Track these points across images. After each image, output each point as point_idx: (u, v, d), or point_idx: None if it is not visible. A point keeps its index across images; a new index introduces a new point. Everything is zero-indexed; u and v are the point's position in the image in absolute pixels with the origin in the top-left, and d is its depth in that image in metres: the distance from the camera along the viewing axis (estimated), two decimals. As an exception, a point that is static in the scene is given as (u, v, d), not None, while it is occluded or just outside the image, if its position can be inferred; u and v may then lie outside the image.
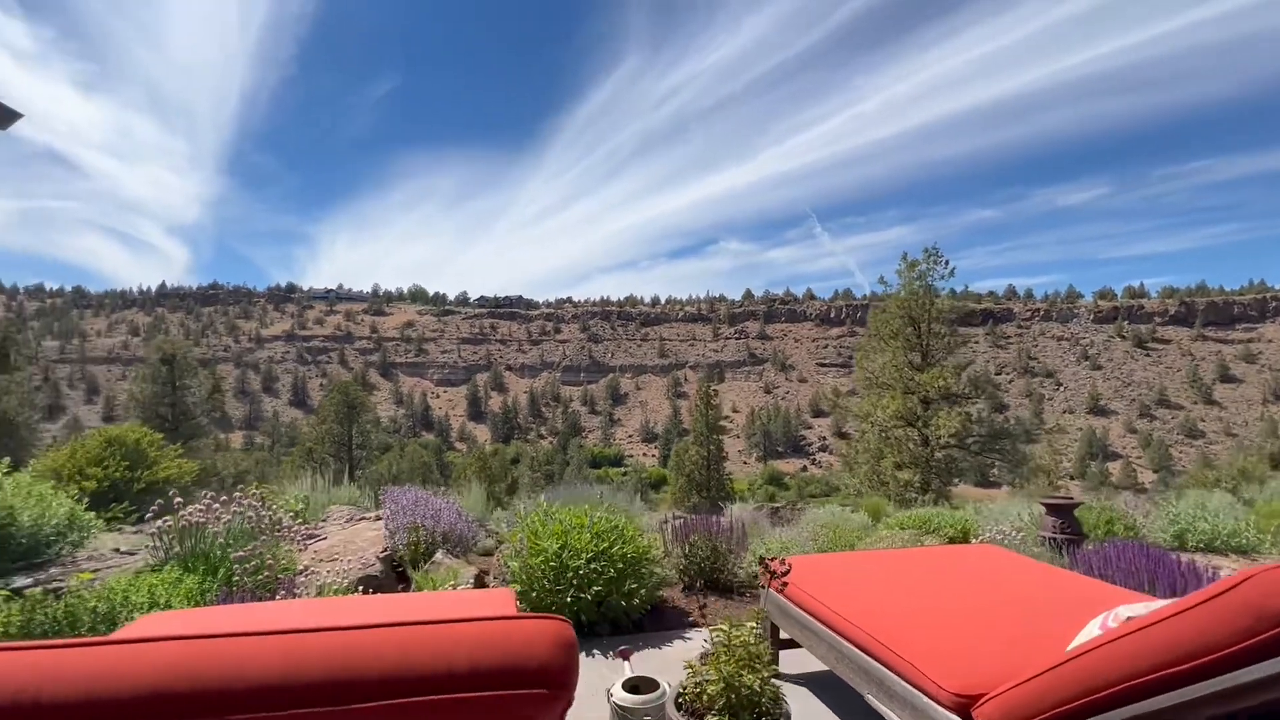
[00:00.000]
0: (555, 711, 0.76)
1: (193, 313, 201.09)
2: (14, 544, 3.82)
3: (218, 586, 3.33)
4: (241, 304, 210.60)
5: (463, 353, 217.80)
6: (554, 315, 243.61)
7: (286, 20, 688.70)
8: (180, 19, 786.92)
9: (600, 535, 3.66)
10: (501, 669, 0.73)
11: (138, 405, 22.10)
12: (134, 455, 10.96)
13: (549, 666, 0.75)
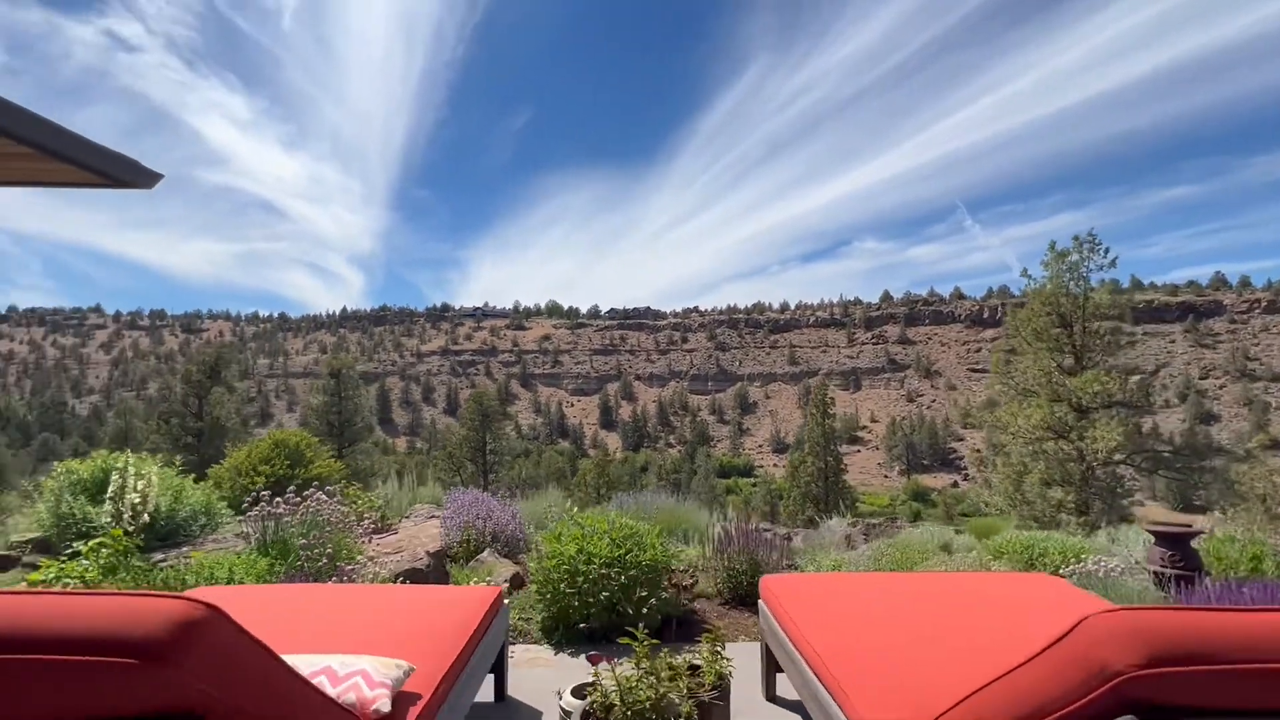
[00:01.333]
0: (159, 682, 0.83)
1: (367, 332, 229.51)
2: (157, 526, 4.68)
3: (286, 569, 3.83)
4: (405, 323, 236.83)
5: (594, 363, 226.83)
6: (681, 325, 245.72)
7: (439, 68, 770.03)
8: (357, 77, 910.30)
9: (617, 542, 3.69)
10: (104, 638, 0.82)
11: (313, 413, 25.78)
12: (294, 455, 12.78)
13: (148, 640, 0.83)
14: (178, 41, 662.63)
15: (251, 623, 2.28)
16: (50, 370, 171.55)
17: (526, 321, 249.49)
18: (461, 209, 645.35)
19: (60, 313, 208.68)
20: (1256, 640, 1.00)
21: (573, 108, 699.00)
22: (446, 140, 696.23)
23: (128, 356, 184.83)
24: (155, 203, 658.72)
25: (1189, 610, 1.04)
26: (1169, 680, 0.94)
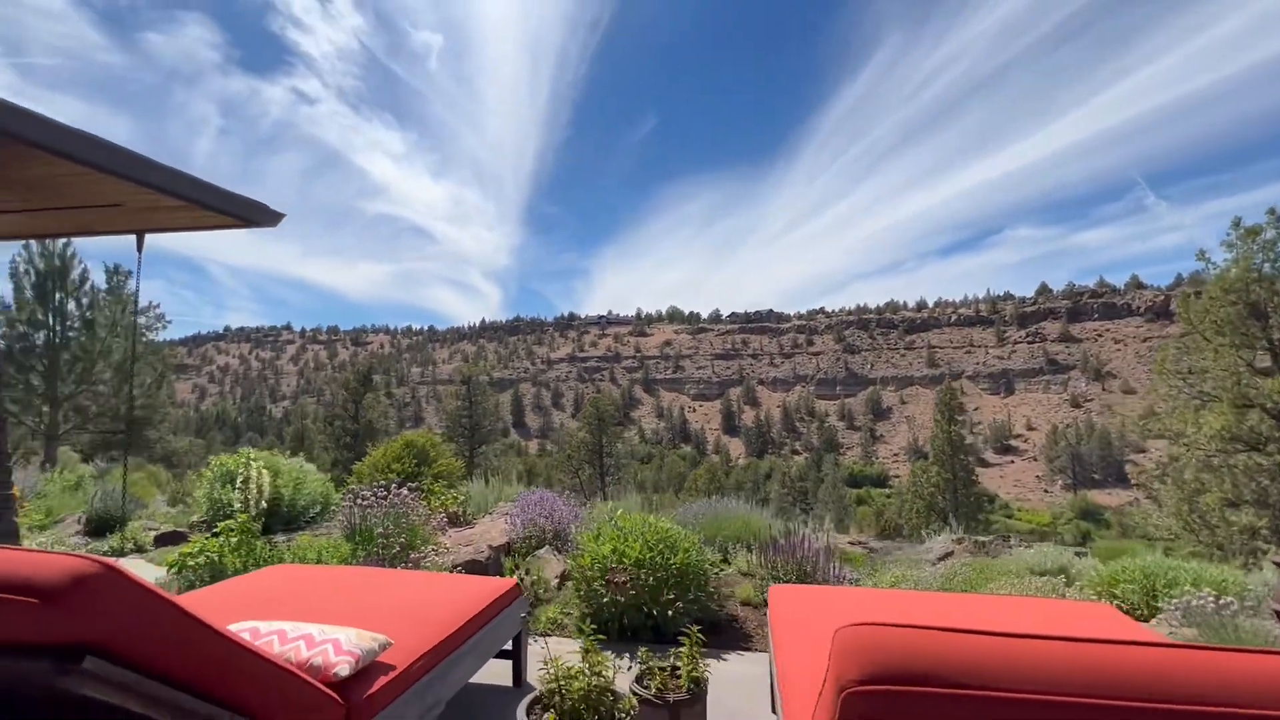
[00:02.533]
0: (55, 618, 1.05)
1: (502, 341, 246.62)
2: (281, 512, 5.48)
3: (365, 554, 4.34)
4: (536, 332, 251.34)
5: (716, 368, 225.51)
6: (806, 327, 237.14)
7: (564, 89, 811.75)
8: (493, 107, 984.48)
9: (649, 544, 3.76)
10: (24, 582, 1.07)
11: (447, 416, 28.31)
12: (421, 455, 14.21)
13: (44, 585, 1.07)
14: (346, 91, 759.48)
15: (279, 595, 2.64)
16: (254, 379, 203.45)
17: (648, 328, 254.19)
18: (586, 221, 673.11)
19: (261, 330, 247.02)
20: (1016, 669, 0.86)
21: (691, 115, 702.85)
22: (571, 157, 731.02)
23: (310, 367, 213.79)
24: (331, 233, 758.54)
25: (941, 631, 0.91)
26: (891, 699, 0.85)
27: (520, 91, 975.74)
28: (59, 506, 6.95)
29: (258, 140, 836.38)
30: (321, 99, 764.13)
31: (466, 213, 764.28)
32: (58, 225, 5.43)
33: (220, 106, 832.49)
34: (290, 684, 1.59)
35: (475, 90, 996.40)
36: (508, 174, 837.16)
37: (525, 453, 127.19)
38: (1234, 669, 0.93)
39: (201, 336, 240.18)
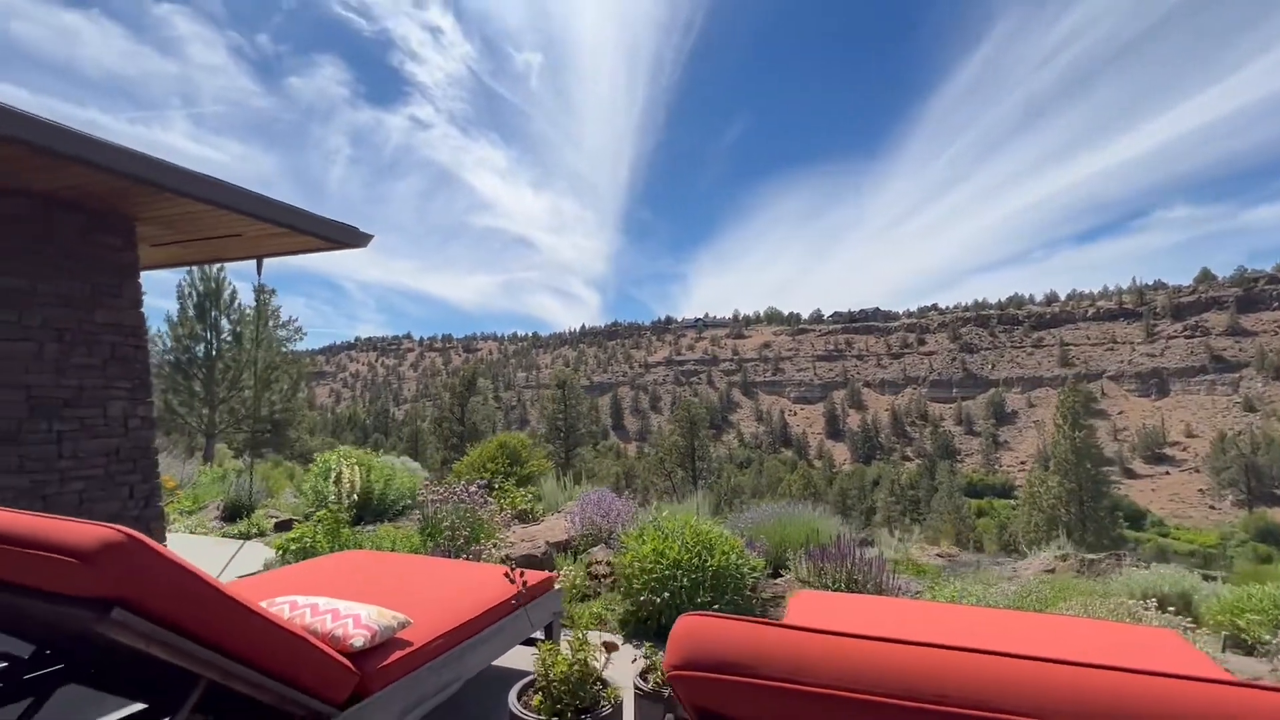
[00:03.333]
0: (89, 574, 1.31)
1: (601, 346, 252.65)
2: (373, 505, 6.06)
3: (434, 544, 4.71)
4: (633, 337, 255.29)
5: (818, 370, 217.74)
6: (917, 325, 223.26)
7: (658, 95, 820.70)
8: (590, 119, 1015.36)
9: (688, 546, 3.80)
10: (64, 545, 1.33)
11: (545, 419, 29.57)
12: (512, 455, 14.98)
13: (81, 548, 1.32)
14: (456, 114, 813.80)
15: (336, 575, 2.95)
16: (380, 385, 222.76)
17: (746, 329, 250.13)
18: (681, 225, 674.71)
19: (385, 340, 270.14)
20: (830, 666, 0.83)
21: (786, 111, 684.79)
22: (666, 162, 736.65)
23: (427, 373, 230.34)
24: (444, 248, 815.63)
25: (763, 625, 0.89)
26: (700, 683, 0.86)
27: (616, 101, 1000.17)
28: (205, 495, 8.10)
29: (381, 166, 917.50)
30: (435, 124, 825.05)
31: (566, 222, 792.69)
32: (196, 254, 6.35)
33: (350, 137, 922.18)
34: (305, 649, 1.82)
35: (573, 104, 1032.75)
36: (604, 183, 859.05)
37: (624, 455, 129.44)
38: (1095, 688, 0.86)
39: (336, 346, 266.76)
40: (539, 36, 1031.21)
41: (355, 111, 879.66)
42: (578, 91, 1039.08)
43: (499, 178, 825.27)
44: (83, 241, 4.87)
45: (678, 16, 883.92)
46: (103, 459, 4.89)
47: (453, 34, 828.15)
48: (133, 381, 5.15)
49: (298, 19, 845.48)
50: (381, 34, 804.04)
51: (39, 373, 4.54)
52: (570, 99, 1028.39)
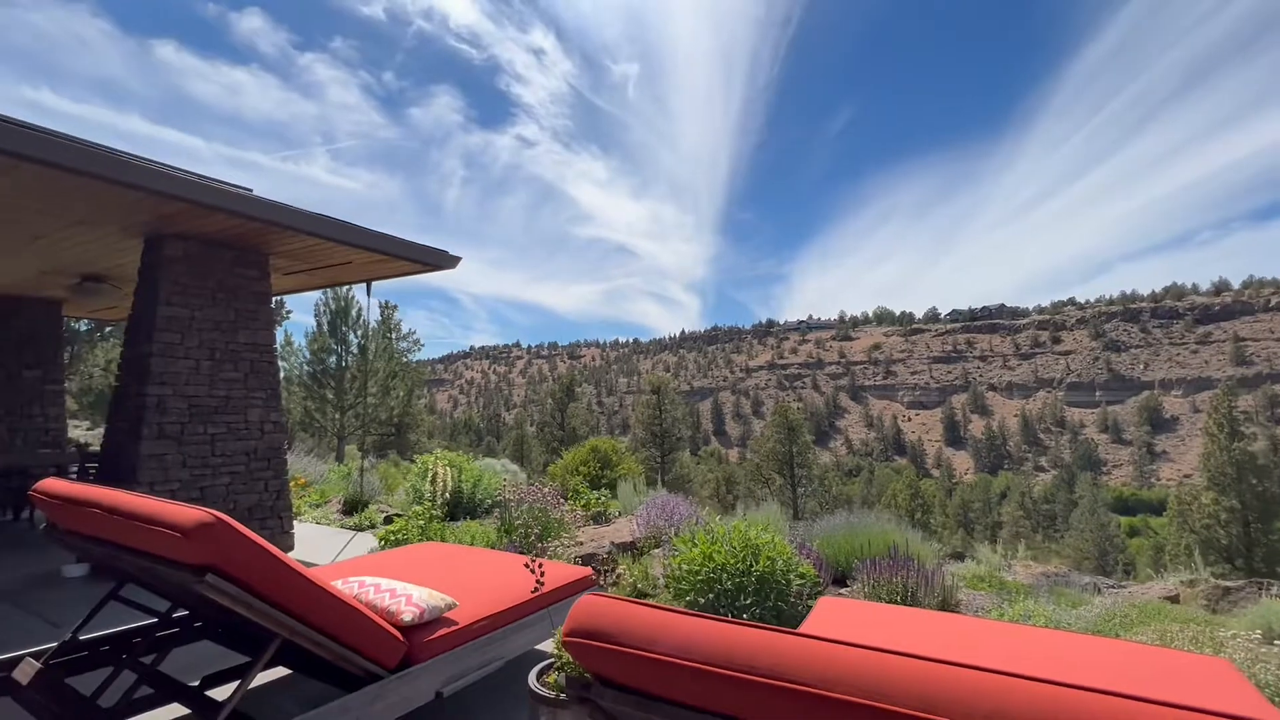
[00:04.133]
0: (188, 546, 1.71)
1: (701, 351, 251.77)
2: (464, 503, 6.65)
3: (507, 540, 5.13)
4: (734, 341, 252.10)
5: (934, 373, 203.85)
6: (1050, 322, 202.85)
7: (756, 94, 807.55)
8: (687, 124, 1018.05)
9: (734, 551, 3.90)
10: (173, 522, 1.75)
11: (640, 424, 30.16)
12: (604, 459, 15.51)
13: (183, 526, 1.72)
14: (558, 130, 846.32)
15: (408, 561, 3.38)
16: (492, 391, 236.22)
17: (853, 331, 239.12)
18: (783, 225, 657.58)
19: (496, 348, 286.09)
20: (670, 638, 0.95)
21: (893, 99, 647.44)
22: (765, 161, 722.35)
23: (535, 379, 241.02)
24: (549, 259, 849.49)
25: (632, 605, 1.02)
26: (578, 648, 1.02)
27: (713, 104, 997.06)
28: (330, 491, 9.20)
29: (491, 184, 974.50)
30: (539, 141, 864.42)
31: (664, 228, 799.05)
32: (319, 280, 7.31)
33: (463, 160, 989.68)
34: (356, 617, 2.19)
35: (669, 110, 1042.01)
36: (702, 186, 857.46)
37: (726, 461, 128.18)
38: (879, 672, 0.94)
39: (453, 355, 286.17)
40: (635, 46, 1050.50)
41: (468, 135, 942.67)
42: (674, 97, 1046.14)
43: (599, 188, 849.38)
44: (229, 274, 5.83)
45: (775, 11, 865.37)
46: (244, 457, 5.80)
47: (554, 53, 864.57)
48: (267, 392, 6.06)
49: (417, 55, 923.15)
50: (489, 60, 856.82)
51: (196, 385, 5.49)
52: (667, 105, 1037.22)
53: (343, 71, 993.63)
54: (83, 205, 4.65)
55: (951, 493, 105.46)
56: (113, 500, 2.06)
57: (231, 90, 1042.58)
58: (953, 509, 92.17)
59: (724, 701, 0.93)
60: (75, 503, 2.22)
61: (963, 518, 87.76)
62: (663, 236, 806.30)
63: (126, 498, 2.04)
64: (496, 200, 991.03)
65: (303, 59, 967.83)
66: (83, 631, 2.47)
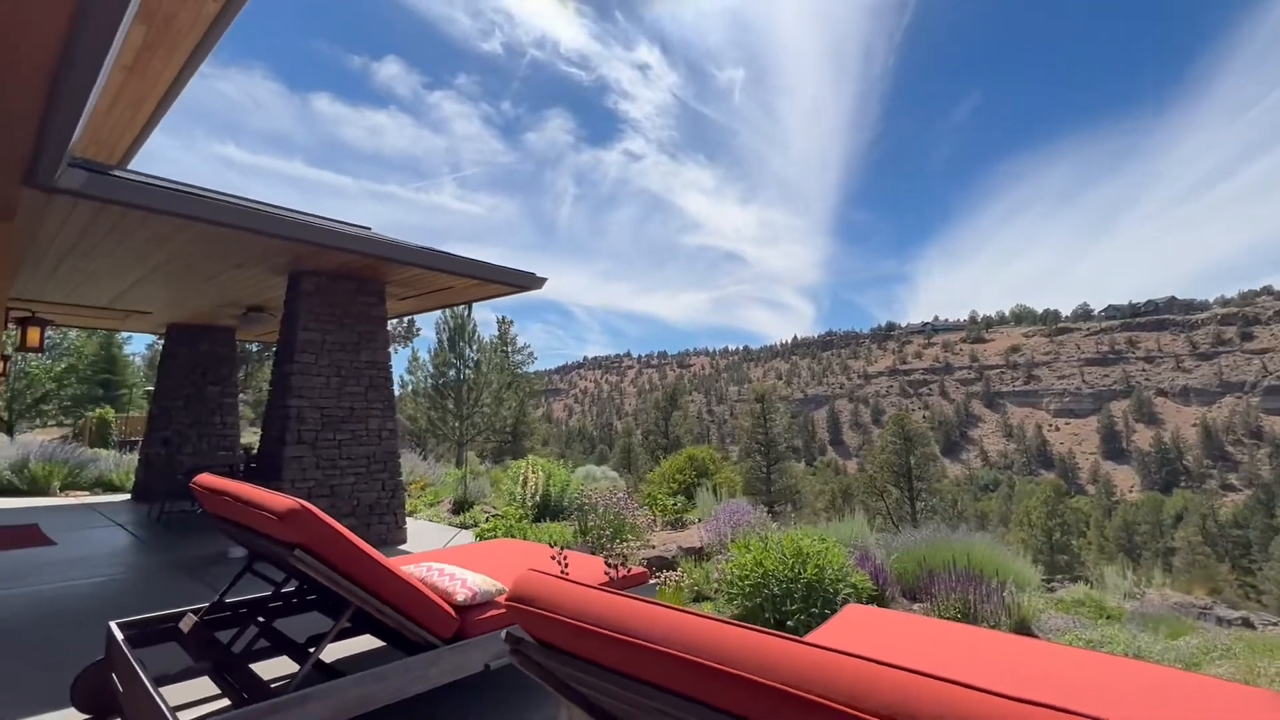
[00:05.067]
0: (282, 526, 2.19)
1: (815, 357, 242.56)
2: (551, 505, 7.17)
3: (581, 539, 5.51)
4: (850, 346, 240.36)
5: (1087, 376, 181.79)
6: (1237, 316, 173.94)
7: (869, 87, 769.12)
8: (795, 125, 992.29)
9: (785, 559, 3.99)
10: (271, 508, 2.25)
11: (743, 433, 29.85)
12: (700, 468, 15.65)
13: (279, 510, 2.21)
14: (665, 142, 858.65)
15: (478, 552, 3.86)
16: (604, 400, 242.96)
17: (987, 332, 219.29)
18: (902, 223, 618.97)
19: (608, 359, 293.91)
20: (570, 604, 1.16)
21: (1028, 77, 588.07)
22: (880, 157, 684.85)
23: (645, 388, 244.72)
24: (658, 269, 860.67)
25: (556, 580, 1.25)
26: (514, 610, 1.28)
27: (822, 101, 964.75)
28: (444, 492, 10.20)
29: (601, 200, 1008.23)
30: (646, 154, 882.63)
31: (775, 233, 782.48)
32: (428, 303, 8.23)
33: (574, 179, 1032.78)
34: (414, 593, 2.61)
35: (777, 113, 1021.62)
36: (813, 188, 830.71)
37: (844, 472, 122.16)
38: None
39: (568, 366, 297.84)
40: (740, 52, 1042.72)
41: (578, 155, 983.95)
42: (781, 99, 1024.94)
43: (706, 197, 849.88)
44: (352, 302, 6.78)
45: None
46: (365, 460, 6.69)
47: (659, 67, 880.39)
48: (383, 403, 6.95)
49: (531, 82, 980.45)
50: (598, 81, 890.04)
51: (326, 398, 6.45)
52: (774, 108, 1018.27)
53: (466, 105, 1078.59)
54: (238, 252, 5.69)
55: (1111, 512, 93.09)
56: (236, 490, 2.65)
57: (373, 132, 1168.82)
58: (1112, 531, 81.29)
59: (608, 656, 1.16)
60: (216, 493, 2.85)
61: (1125, 541, 77.06)
62: (772, 241, 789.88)
63: (245, 488, 2.62)
64: (606, 215, 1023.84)
65: (432, 97, 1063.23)
66: (227, 596, 3.13)
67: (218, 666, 2.66)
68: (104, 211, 4.56)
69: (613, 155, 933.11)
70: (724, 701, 1.03)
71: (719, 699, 1.03)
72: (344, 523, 6.22)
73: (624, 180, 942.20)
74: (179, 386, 9.36)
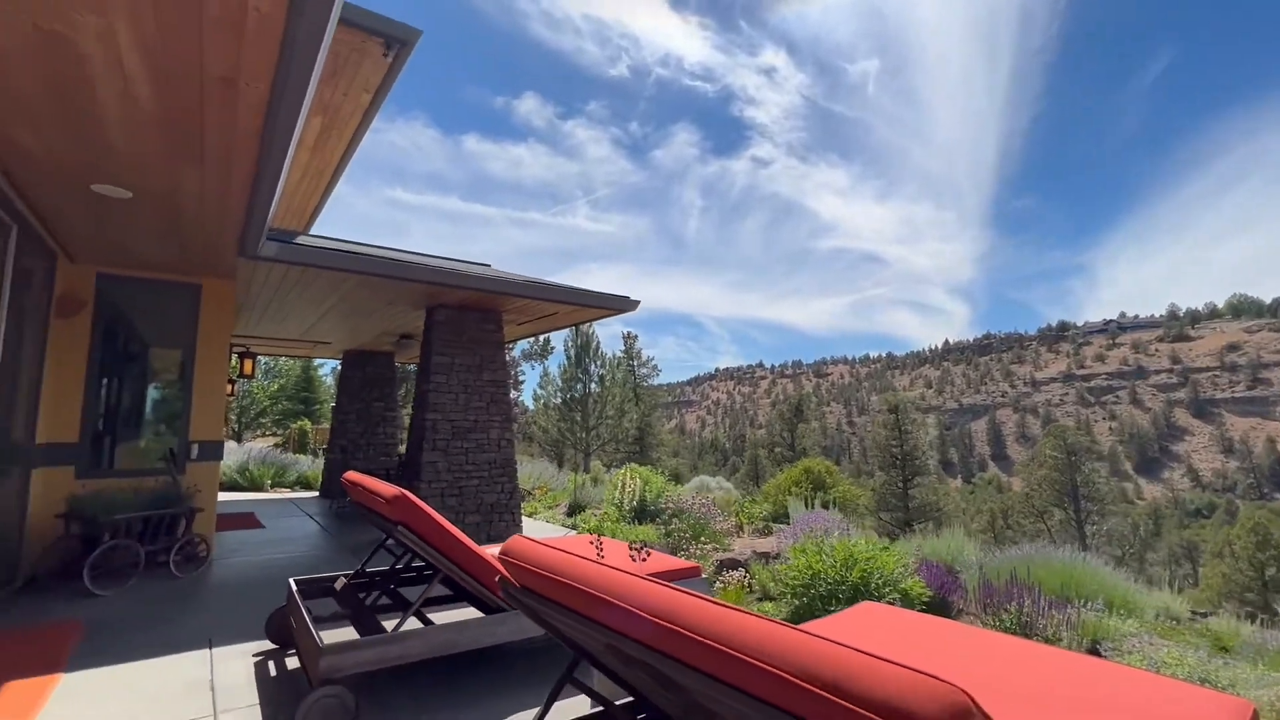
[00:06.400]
0: (392, 510, 2.96)
1: (971, 363, 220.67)
2: (645, 509, 7.76)
3: (665, 540, 6.02)
4: (1013, 349, 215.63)
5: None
6: None
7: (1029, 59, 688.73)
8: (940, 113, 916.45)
9: (836, 564, 4.22)
10: (382, 494, 3.05)
11: (876, 447, 28.37)
12: (816, 480, 15.40)
13: (386, 495, 2.99)
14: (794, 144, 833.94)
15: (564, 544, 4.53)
16: (737, 411, 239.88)
17: (1193, 329, 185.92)
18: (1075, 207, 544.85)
19: (740, 369, 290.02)
20: (534, 558, 1.66)
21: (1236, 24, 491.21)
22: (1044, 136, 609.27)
23: (779, 399, 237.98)
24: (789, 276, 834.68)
25: (536, 544, 1.74)
26: (504, 562, 1.78)
27: (971, 82, 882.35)
28: (561, 497, 11.23)
29: (728, 210, 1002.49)
30: (775, 160, 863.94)
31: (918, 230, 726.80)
32: (540, 327, 9.26)
33: (701, 191, 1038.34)
34: (490, 568, 3.31)
35: (918, 101, 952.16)
36: (963, 177, 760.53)
37: (1008, 490, 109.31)
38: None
39: (700, 377, 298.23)
40: (873, 41, 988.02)
41: (704, 166, 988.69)
42: (923, 85, 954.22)
43: (840, 197, 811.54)
44: (476, 330, 7.93)
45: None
46: (487, 466, 7.76)
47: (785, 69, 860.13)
48: (502, 416, 8.00)
49: (656, 100, 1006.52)
50: (722, 91, 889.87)
51: (455, 412, 7.60)
52: (915, 95, 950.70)
53: (596, 130, 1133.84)
54: (387, 293, 7.00)
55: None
56: (365, 482, 3.54)
57: (514, 164, 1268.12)
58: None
59: (562, 595, 1.70)
60: (354, 485, 3.79)
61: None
62: (916, 239, 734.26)
63: (370, 480, 3.50)
64: (734, 224, 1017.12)
65: (565, 126, 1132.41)
66: (367, 567, 4.08)
67: (355, 615, 3.56)
68: (291, 269, 5.96)
69: (739, 164, 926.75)
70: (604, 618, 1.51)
71: (599, 616, 1.52)
72: (469, 520, 7.31)
73: (751, 187, 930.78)
74: (352, 403, 11.32)
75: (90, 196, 4.15)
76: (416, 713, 2.95)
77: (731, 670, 1.14)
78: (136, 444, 6.34)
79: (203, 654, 3.62)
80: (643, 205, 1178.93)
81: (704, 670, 1.21)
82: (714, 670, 1.19)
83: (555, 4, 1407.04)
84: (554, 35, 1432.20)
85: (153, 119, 3.07)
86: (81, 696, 3.04)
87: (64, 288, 5.77)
